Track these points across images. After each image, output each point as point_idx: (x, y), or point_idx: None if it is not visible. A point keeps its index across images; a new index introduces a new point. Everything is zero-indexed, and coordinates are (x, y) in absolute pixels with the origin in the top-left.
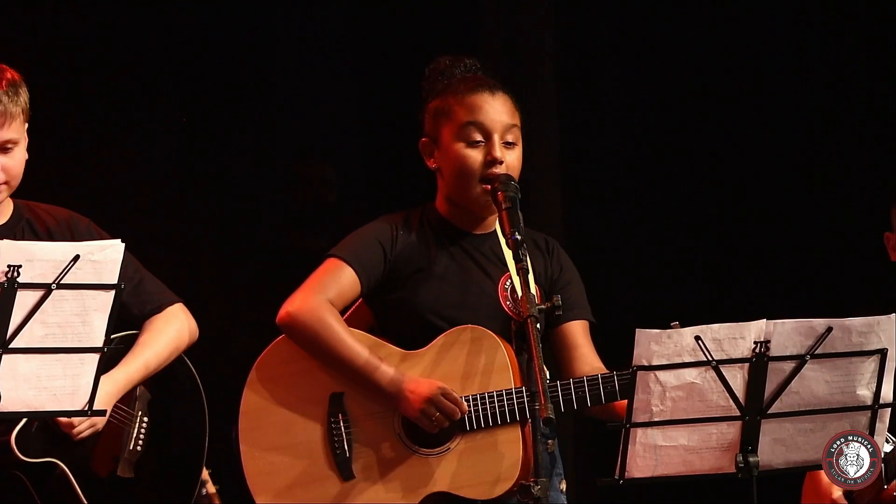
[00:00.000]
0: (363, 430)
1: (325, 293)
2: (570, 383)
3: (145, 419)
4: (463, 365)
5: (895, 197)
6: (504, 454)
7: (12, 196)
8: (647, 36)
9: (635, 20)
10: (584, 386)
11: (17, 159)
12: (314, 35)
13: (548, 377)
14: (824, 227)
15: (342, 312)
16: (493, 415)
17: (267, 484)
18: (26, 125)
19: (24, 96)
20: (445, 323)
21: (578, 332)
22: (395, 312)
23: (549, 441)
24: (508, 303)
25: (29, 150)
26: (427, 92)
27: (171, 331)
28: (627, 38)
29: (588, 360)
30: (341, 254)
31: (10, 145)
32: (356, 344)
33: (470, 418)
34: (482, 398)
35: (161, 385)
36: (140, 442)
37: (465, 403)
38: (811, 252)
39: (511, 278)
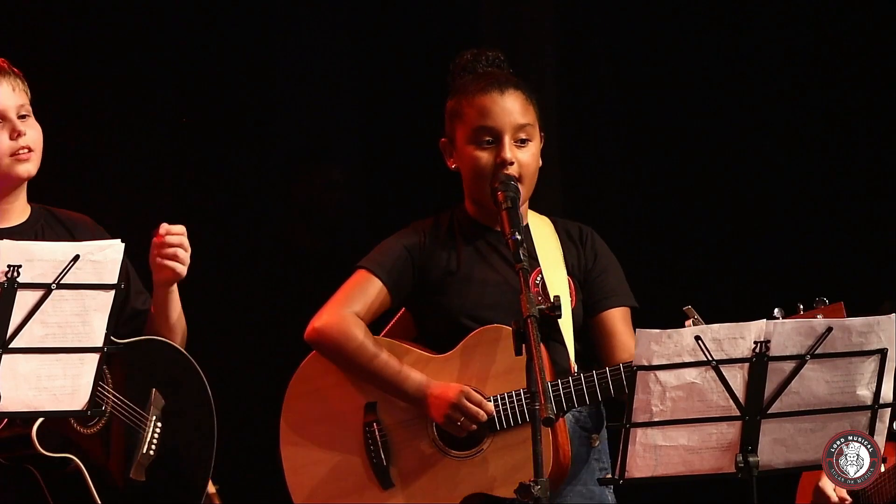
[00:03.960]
0: (398, 437)
1: (351, 306)
2: (593, 376)
3: (159, 424)
4: (487, 365)
5: None
6: None
7: (29, 200)
8: (646, 30)
9: (634, 14)
10: (606, 376)
11: (37, 129)
12: (317, 34)
13: (575, 371)
14: (825, 225)
15: (381, 321)
16: (521, 413)
17: (311, 498)
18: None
19: (22, 81)
20: (477, 324)
21: (617, 319)
22: (430, 317)
23: (594, 435)
24: (540, 298)
25: None
26: (451, 89)
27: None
28: (627, 32)
29: (626, 348)
30: (369, 265)
31: (24, 112)
32: (381, 354)
33: (499, 418)
34: (508, 397)
35: (173, 391)
36: (153, 446)
37: (491, 404)
38: (811, 250)
39: (542, 273)
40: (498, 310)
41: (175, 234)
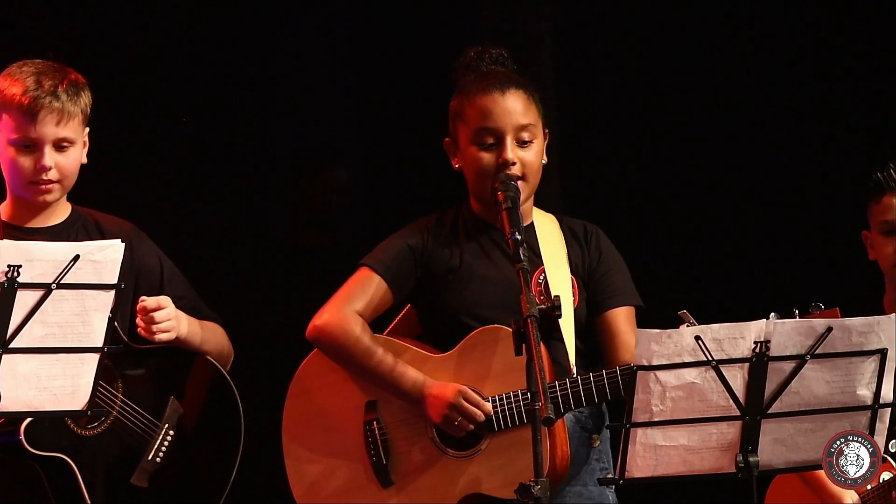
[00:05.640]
0: (398, 436)
1: (353, 304)
2: (590, 378)
3: (171, 433)
4: (487, 365)
5: (871, 194)
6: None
7: (70, 201)
8: (646, 29)
9: (633, 14)
10: (603, 380)
11: (72, 159)
12: (317, 34)
13: (574, 374)
14: (824, 225)
15: (384, 319)
16: (520, 414)
17: (311, 495)
18: (87, 129)
19: (84, 98)
20: (478, 323)
21: (621, 318)
22: (432, 314)
23: (594, 436)
24: (542, 297)
25: None
26: (455, 87)
27: (225, 338)
28: (626, 32)
29: (629, 348)
30: (371, 262)
31: (65, 144)
32: (379, 351)
33: (497, 419)
34: (507, 398)
35: (197, 403)
36: (161, 454)
37: (490, 404)
38: (811, 250)
39: (545, 272)
40: (499, 308)
41: (149, 310)
